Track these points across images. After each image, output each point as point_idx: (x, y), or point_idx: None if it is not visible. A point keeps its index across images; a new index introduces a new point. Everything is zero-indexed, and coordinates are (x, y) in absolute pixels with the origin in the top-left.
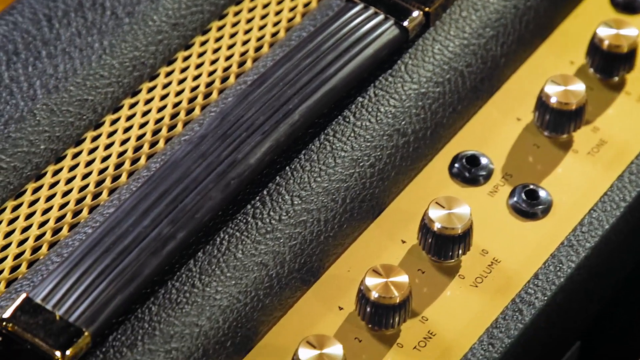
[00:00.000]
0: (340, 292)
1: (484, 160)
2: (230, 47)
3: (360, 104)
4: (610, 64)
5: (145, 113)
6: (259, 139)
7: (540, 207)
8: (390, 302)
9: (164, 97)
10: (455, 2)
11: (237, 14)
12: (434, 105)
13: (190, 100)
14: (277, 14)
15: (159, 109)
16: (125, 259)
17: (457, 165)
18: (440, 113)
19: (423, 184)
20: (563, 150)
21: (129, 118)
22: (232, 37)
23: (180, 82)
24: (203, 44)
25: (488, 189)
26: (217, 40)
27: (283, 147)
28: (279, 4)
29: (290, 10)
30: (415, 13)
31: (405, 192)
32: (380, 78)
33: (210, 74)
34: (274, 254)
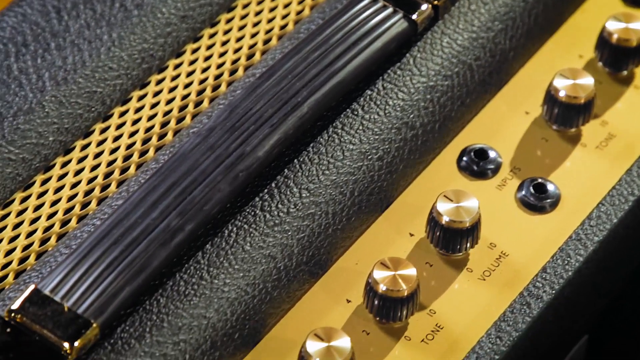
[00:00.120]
0: (348, 284)
1: (492, 154)
2: (239, 39)
3: (369, 97)
4: (619, 58)
5: (154, 105)
6: (268, 132)
7: (549, 200)
8: (398, 295)
9: (173, 89)
10: None
11: (245, 7)
12: (443, 99)
13: (199, 93)
14: (285, 7)
15: (168, 101)
16: (134, 251)
17: (465, 159)
18: (449, 106)
19: (431, 177)
20: (571, 144)
21: (138, 110)
22: (240, 29)
23: (189, 74)
24: (212, 37)
25: (496, 183)
26: (225, 33)
27: (291, 139)
28: None
29: (299, 3)
30: (424, 6)
31: (414, 185)
32: (389, 71)
33: (219, 67)
34: (282, 247)
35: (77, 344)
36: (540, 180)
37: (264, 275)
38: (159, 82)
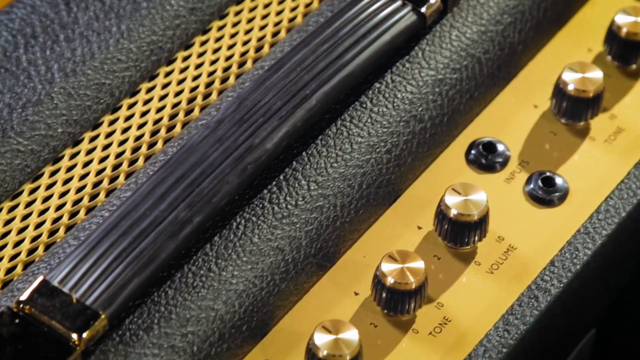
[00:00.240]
0: (356, 277)
1: (501, 147)
2: (248, 32)
3: (377, 90)
4: (629, 52)
5: (162, 97)
6: (276, 124)
7: (557, 194)
8: (406, 287)
9: (181, 81)
10: None
11: None
12: (451, 92)
13: (208, 85)
14: None
15: (176, 94)
16: (142, 243)
17: (473, 152)
18: (457, 99)
19: (439, 171)
20: (580, 138)
21: (146, 102)
22: (249, 22)
23: (198, 66)
24: (220, 29)
25: (504, 176)
26: (234, 25)
27: (300, 132)
28: None
29: None
30: None
31: (422, 178)
32: (398, 64)
33: (228, 59)
34: (290, 239)
35: (85, 335)
36: (549, 174)
37: (272, 268)
38: (168, 74)
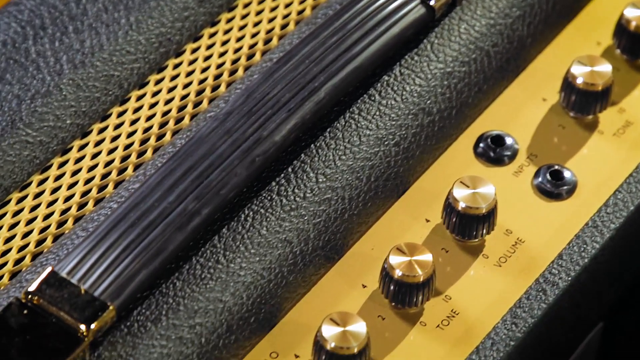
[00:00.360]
0: (364, 270)
1: (509, 140)
2: (257, 24)
3: (386, 83)
4: (637, 45)
5: (171, 89)
6: (285, 117)
7: (565, 187)
8: (414, 280)
9: (190, 73)
10: None
11: None
12: (460, 85)
13: (216, 77)
14: None
15: (185, 85)
16: (150, 234)
17: (482, 145)
18: (466, 92)
19: (448, 164)
20: (588, 131)
21: (155, 94)
22: (258, 14)
23: (206, 58)
24: (229, 21)
25: (513, 169)
26: (243, 18)
27: (308, 124)
28: None
29: None
30: None
31: (430, 171)
32: (406, 57)
33: (236, 51)
34: (298, 231)
35: (93, 326)
36: (557, 167)
37: (280, 260)
38: (176, 66)
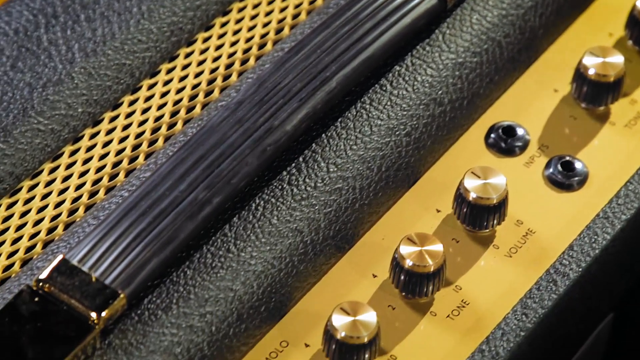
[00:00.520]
0: (375, 259)
1: (520, 131)
2: (268, 13)
3: (398, 73)
4: None
5: (183, 78)
6: (296, 106)
7: (576, 178)
8: (425, 270)
9: (201, 62)
10: None
11: None
12: (471, 75)
13: (228, 67)
14: None
15: (196, 75)
16: (161, 223)
17: (493, 136)
18: (477, 83)
19: (459, 154)
20: (600, 122)
21: (166, 83)
22: (270, 3)
23: (218, 48)
24: (240, 10)
25: (524, 160)
26: (255, 7)
27: (319, 114)
28: None
29: None
30: None
31: (441, 161)
32: (418, 47)
33: (248, 41)
34: (309, 221)
35: (104, 314)
36: (568, 158)
37: (291, 249)
38: (188, 55)
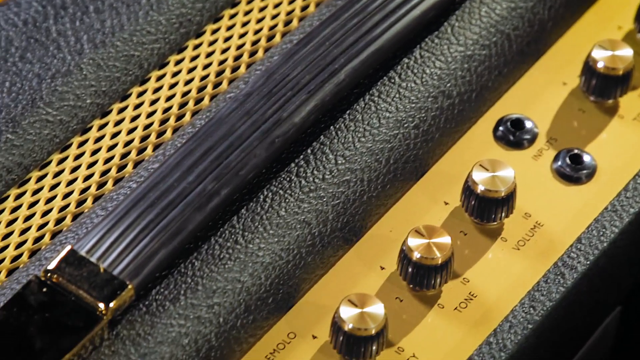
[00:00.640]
0: (382, 251)
1: (529, 124)
2: (277, 5)
3: (406, 65)
4: None
5: (191, 70)
6: (304, 98)
7: (585, 171)
8: (432, 262)
9: (210, 54)
10: None
11: None
12: (480, 68)
13: (236, 58)
14: None
15: (205, 66)
16: (170, 214)
17: (501, 129)
18: (486, 76)
19: (467, 147)
20: (609, 116)
21: (175, 75)
22: None
23: (226, 39)
24: (249, 2)
25: (532, 153)
26: None
27: (328, 106)
28: None
29: None
30: None
31: (449, 154)
32: (427, 39)
33: (256, 32)
34: (317, 213)
35: (112, 305)
36: (577, 151)
37: (299, 241)
38: (197, 46)
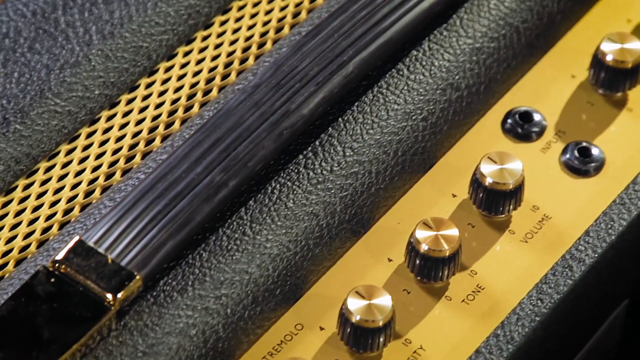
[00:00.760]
0: (390, 243)
1: (537, 117)
2: None
3: (415, 58)
4: None
5: (200, 61)
6: (313, 90)
7: (593, 164)
8: (440, 255)
9: (218, 45)
10: None
11: None
12: (489, 61)
13: (245, 50)
14: None
15: (213, 58)
16: (178, 205)
17: (510, 121)
18: (495, 68)
19: (475, 139)
20: (617, 109)
21: (183, 66)
22: None
23: (235, 31)
24: None
25: (540, 146)
26: None
27: (336, 98)
28: None
29: None
30: None
31: (457, 146)
32: (435, 32)
33: (265, 24)
34: (325, 204)
35: (120, 296)
36: (585, 144)
37: (306, 233)
38: (205, 38)
